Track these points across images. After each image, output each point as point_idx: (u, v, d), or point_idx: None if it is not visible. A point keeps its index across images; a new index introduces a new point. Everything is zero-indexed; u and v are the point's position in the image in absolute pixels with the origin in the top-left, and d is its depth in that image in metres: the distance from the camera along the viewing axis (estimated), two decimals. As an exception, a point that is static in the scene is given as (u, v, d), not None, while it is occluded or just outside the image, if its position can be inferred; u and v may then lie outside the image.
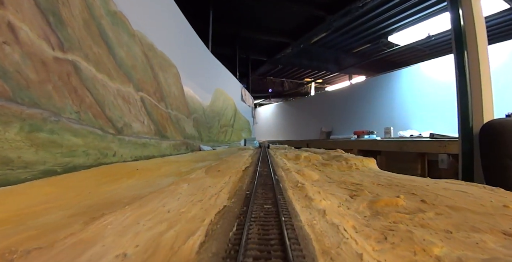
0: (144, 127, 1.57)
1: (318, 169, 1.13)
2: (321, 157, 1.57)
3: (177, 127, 2.09)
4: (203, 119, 2.85)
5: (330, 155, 1.67)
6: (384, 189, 0.75)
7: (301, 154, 1.60)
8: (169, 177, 1.12)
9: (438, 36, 6.11)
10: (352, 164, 1.30)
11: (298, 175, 0.82)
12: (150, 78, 1.68)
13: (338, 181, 0.87)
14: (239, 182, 0.65)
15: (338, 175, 0.99)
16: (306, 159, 1.51)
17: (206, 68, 3.09)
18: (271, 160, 1.15)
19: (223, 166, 0.95)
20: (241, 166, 0.94)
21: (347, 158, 1.42)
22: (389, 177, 0.97)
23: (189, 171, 1.30)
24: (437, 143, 3.66)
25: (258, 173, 0.75)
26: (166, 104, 1.92)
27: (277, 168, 0.90)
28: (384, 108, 6.56)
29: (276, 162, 1.14)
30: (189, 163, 1.69)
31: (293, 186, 0.61)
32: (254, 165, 0.99)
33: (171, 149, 1.95)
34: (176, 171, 1.30)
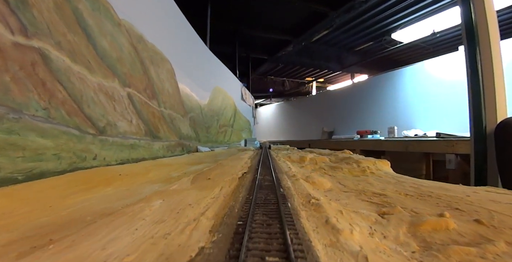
0: (132, 127, 1.42)
1: (327, 174, 0.97)
2: (328, 159, 1.41)
3: (171, 127, 1.94)
4: (201, 118, 2.69)
5: (337, 156, 1.51)
6: (418, 202, 0.59)
7: (306, 155, 1.44)
8: (154, 184, 0.96)
9: (443, 33, 5.95)
10: (365, 167, 1.14)
11: (307, 183, 0.67)
12: (139, 73, 1.53)
13: (355, 190, 0.71)
14: (231, 198, 0.50)
15: (352, 182, 0.83)
16: (312, 161, 1.35)
17: (204, 65, 2.94)
18: (273, 164, 0.99)
19: (216, 172, 0.79)
20: (237, 171, 0.78)
21: (358, 160, 1.26)
22: (414, 184, 0.81)
23: (180, 175, 1.15)
24: (444, 143, 3.54)
25: (257, 182, 0.60)
26: (159, 102, 1.76)
27: (280, 175, 0.75)
28: (387, 107, 6.42)
29: (279, 166, 0.99)
30: (182, 166, 1.53)
31: (305, 203, 0.46)
32: (253, 170, 0.84)
33: (164, 151, 1.80)
34: (165, 176, 1.14)
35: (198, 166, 1.57)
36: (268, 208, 0.41)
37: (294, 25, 5.15)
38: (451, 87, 4.89)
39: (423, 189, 0.74)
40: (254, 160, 1.24)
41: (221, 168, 0.89)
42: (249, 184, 0.59)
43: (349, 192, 0.68)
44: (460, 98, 4.64)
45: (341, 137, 6.72)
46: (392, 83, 6.31)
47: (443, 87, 5.06)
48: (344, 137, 6.45)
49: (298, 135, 9.01)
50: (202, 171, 0.88)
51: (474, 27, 2.54)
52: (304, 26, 5.13)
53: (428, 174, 3.87)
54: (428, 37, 6.16)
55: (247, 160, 1.26)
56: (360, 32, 6.25)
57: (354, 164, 1.23)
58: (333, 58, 7.51)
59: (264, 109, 11.86)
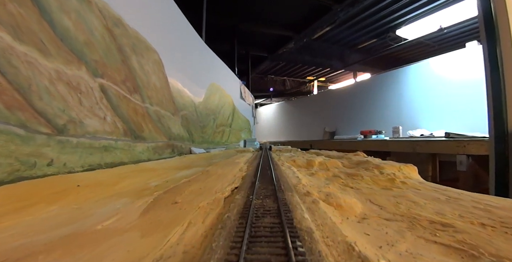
0: (105, 126, 1.18)
1: (348, 185, 0.73)
2: (341, 163, 1.17)
3: (158, 126, 1.70)
4: (195, 117, 2.45)
5: (351, 159, 1.27)
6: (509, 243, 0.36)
7: (314, 159, 1.20)
8: (120, 198, 0.73)
9: (451, 29, 5.73)
10: (390, 175, 0.90)
11: (330, 207, 0.44)
12: (116, 62, 1.29)
13: (401, 216, 0.47)
14: (197, 257, 0.26)
15: (387, 199, 0.60)
16: (322, 166, 1.12)
17: (198, 59, 2.71)
18: (275, 172, 0.75)
19: (194, 187, 0.56)
20: (225, 186, 0.55)
21: (378, 165, 1.02)
22: (476, 203, 0.57)
23: (160, 185, 0.91)
24: (454, 143, 3.35)
25: (251, 213, 0.37)
26: (143, 97, 1.53)
27: (289, 194, 0.51)
28: (392, 107, 6.23)
29: (284, 175, 0.75)
30: (168, 171, 1.30)
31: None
32: (248, 184, 0.60)
33: (149, 153, 1.56)
34: (140, 186, 0.91)
35: (187, 171, 1.34)
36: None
37: (296, 20, 4.91)
38: (458, 86, 4.71)
39: (496, 211, 0.50)
40: (252, 165, 1.00)
41: (205, 179, 0.66)
42: (236, 217, 0.36)
43: (394, 220, 0.44)
44: (468, 97, 4.44)
45: (343, 137, 6.55)
46: (397, 82, 6.13)
47: (450, 86, 4.88)
48: (346, 137, 6.29)
49: (299, 135, 8.83)
50: (176, 185, 0.64)
51: (493, 18, 2.34)
52: (306, 21, 4.89)
53: (435, 175, 3.70)
54: (434, 34, 5.93)
55: (243, 165, 1.02)
56: (363, 29, 6.03)
57: (375, 170, 0.99)
58: (335, 56, 7.28)
59: (264, 109, 11.66)
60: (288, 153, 1.86)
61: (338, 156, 1.44)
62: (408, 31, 6.06)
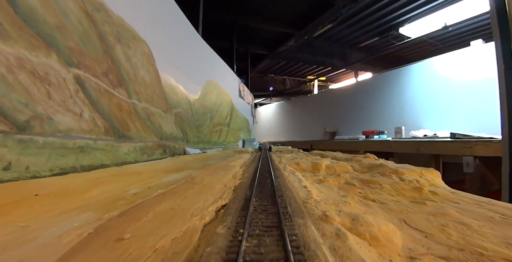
0: (82, 123, 1.03)
1: (367, 198, 0.59)
2: (351, 167, 1.03)
3: (148, 124, 1.55)
4: (190, 115, 2.30)
5: (362, 162, 1.12)
6: None
7: (320, 161, 1.05)
8: (83, 213, 0.58)
9: (456, 26, 5.58)
10: (413, 182, 0.75)
11: (363, 241, 0.29)
12: (96, 51, 1.14)
13: (460, 250, 0.32)
14: None
15: (427, 219, 0.45)
16: (330, 171, 0.97)
17: (194, 54, 2.55)
18: (277, 181, 0.61)
19: (163, 206, 0.41)
20: (209, 204, 0.41)
21: (396, 170, 0.88)
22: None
23: (141, 192, 0.76)
24: (461, 144, 3.22)
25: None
26: (129, 92, 1.38)
27: (298, 218, 0.35)
28: (394, 106, 6.11)
29: (288, 183, 0.60)
30: (156, 175, 1.15)
31: None
32: (241, 200, 0.45)
33: (137, 154, 1.41)
34: (116, 194, 0.76)
35: (177, 174, 1.19)
36: None
37: (297, 16, 4.75)
38: (463, 85, 4.58)
39: None
40: (249, 170, 0.85)
41: (185, 191, 0.51)
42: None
43: (456, 260, 0.30)
44: (473, 97, 4.31)
45: (344, 137, 6.43)
46: (399, 81, 6.01)
47: (454, 85, 4.76)
48: (347, 137, 6.17)
49: (299, 135, 8.71)
50: (143, 202, 0.49)
51: (507, 14, 2.21)
52: (307, 18, 4.74)
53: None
54: (438, 32, 5.78)
55: (239, 169, 0.88)
56: (365, 27, 5.88)
57: (393, 176, 0.84)
58: (336, 55, 7.13)
59: (264, 109, 11.53)
60: (289, 154, 1.71)
61: (346, 158, 1.29)
62: (412, 29, 5.92)
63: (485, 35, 5.89)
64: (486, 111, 4.13)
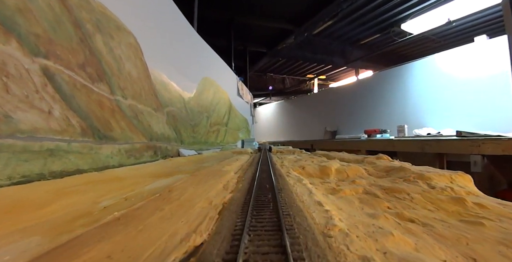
0: (51, 122, 0.89)
1: (402, 216, 0.45)
2: (364, 170, 0.88)
3: (135, 123, 1.41)
4: (184, 114, 2.16)
5: (376, 165, 0.98)
6: None
7: (327, 164, 0.91)
8: (28, 237, 0.44)
9: (459, 21, 5.43)
10: (447, 190, 0.61)
11: None
12: (70, 40, 1.00)
13: None
14: None
15: (498, 251, 0.30)
16: (342, 176, 0.83)
17: (189, 50, 2.41)
18: (280, 194, 0.46)
19: (98, 250, 0.27)
20: (173, 246, 0.26)
21: (421, 174, 0.74)
22: None
23: (114, 204, 0.62)
24: (468, 143, 3.09)
25: None
26: (112, 88, 1.23)
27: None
28: (396, 105, 5.99)
29: (296, 198, 0.46)
30: (140, 181, 1.00)
31: None
32: (226, 234, 0.30)
33: (122, 157, 1.27)
34: (82, 208, 0.62)
35: (166, 180, 1.05)
36: None
37: (296, 12, 4.60)
38: (467, 82, 4.45)
39: None
40: (245, 177, 0.71)
41: (147, 218, 0.36)
42: None
43: None
44: (477, 94, 4.17)
45: (345, 136, 6.31)
46: (401, 79, 5.88)
47: (457, 83, 4.63)
48: (348, 137, 6.05)
49: (300, 135, 8.58)
50: (92, 227, 0.35)
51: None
52: (307, 14, 4.59)
53: (443, 176, 3.43)
54: (441, 28, 5.64)
55: (233, 175, 0.73)
56: (366, 23, 5.74)
57: (420, 182, 0.70)
58: (337, 53, 7.00)
59: (264, 109, 11.40)
60: (291, 156, 1.57)
61: (356, 159, 1.15)
62: (414, 25, 5.77)
63: (490, 31, 5.75)
64: (491, 109, 4.01)
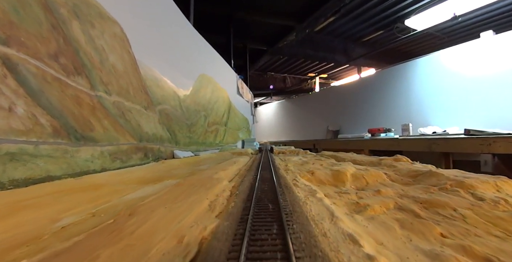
0: (12, 121, 0.74)
1: (472, 253, 0.30)
2: (385, 175, 0.73)
3: (121, 123, 1.27)
4: (179, 113, 2.01)
5: (397, 169, 0.83)
6: None
7: (342, 169, 0.76)
8: None
9: (465, 17, 5.27)
10: (500, 203, 0.46)
11: None
12: (39, 25, 0.86)
13: None
14: None
15: None
16: (360, 183, 0.68)
17: (184, 44, 2.26)
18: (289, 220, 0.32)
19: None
20: None
21: (461, 181, 0.59)
22: None
23: (77, 223, 0.48)
24: (478, 141, 2.94)
25: None
26: (93, 83, 1.09)
27: None
28: (400, 103, 5.85)
29: (313, 223, 0.32)
30: (122, 189, 0.86)
31: None
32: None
33: (105, 160, 1.12)
34: (31, 230, 0.47)
35: (152, 187, 0.90)
36: None
37: (298, 7, 4.45)
38: (473, 80, 4.31)
39: None
40: (241, 189, 0.56)
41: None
42: None
43: None
44: (484, 91, 4.01)
45: (348, 136, 6.17)
46: (405, 76, 5.73)
47: (463, 80, 4.49)
48: (351, 136, 5.91)
49: (301, 135, 8.45)
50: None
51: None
52: (309, 9, 4.44)
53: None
54: (446, 24, 5.48)
55: (227, 184, 0.58)
56: (369, 19, 5.59)
57: (461, 192, 0.55)
58: (339, 50, 6.84)
59: (264, 108, 11.27)
60: (295, 157, 1.42)
61: (370, 161, 1.00)
62: (418, 21, 5.61)
63: (496, 26, 5.58)
64: (498, 106, 3.86)
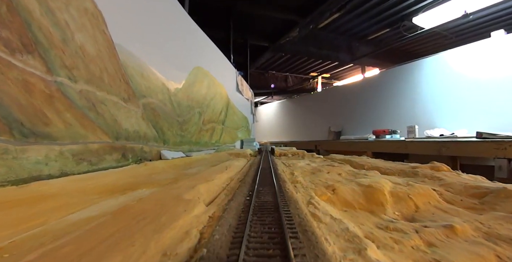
0: None
1: None
2: (436, 193, 0.50)
3: (92, 117, 1.04)
4: (169, 108, 1.79)
5: (448, 183, 0.60)
6: None
7: (376, 184, 0.53)
8: None
9: (474, 15, 5.04)
10: None
11: None
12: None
13: None
14: None
15: None
16: (407, 207, 0.44)
17: (177, 33, 2.03)
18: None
19: None
20: None
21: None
22: None
23: None
24: (492, 145, 2.74)
25: None
26: (50, 65, 0.87)
27: None
28: (405, 104, 5.65)
29: None
30: (75, 202, 0.63)
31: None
32: None
33: (66, 162, 0.90)
34: None
35: (115, 200, 0.68)
36: None
37: (302, 0, 4.22)
38: (482, 81, 4.11)
39: None
40: (221, 227, 0.33)
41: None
42: None
43: None
44: (494, 93, 3.81)
45: (350, 137, 5.98)
46: (410, 77, 5.53)
47: (472, 81, 4.30)
48: (354, 137, 5.72)
49: (303, 135, 8.25)
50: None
51: None
52: (314, 2, 4.21)
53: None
54: (456, 21, 5.25)
55: (201, 212, 0.36)
56: (375, 16, 5.37)
57: None
58: (342, 48, 6.62)
59: (265, 108, 11.07)
60: (301, 162, 1.19)
61: (400, 170, 0.78)
62: (426, 19, 5.39)
63: (508, 25, 5.36)
64: (509, 109, 3.67)
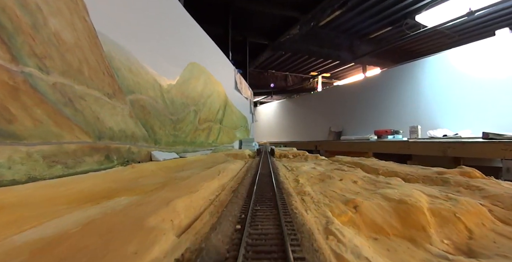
0: None
1: None
2: (488, 212, 0.37)
3: (68, 114, 0.92)
4: (161, 106, 1.66)
5: (492, 194, 0.47)
6: None
7: (411, 200, 0.41)
8: None
9: (480, 12, 4.93)
10: None
11: None
12: None
13: None
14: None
15: None
16: (458, 232, 0.33)
17: (170, 24, 1.90)
18: None
19: None
20: None
21: None
22: None
23: None
24: (500, 145, 2.67)
25: None
26: (16, 54, 0.74)
27: None
28: (407, 104, 5.59)
29: None
30: (42, 212, 0.50)
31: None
32: None
33: (35, 165, 0.78)
34: None
35: (85, 212, 0.56)
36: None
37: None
38: (487, 80, 4.02)
39: None
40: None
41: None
42: None
43: None
44: (499, 92, 3.72)
45: (351, 137, 5.89)
46: (412, 76, 5.46)
47: (476, 80, 4.22)
48: (355, 138, 5.63)
49: (303, 135, 8.16)
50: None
51: None
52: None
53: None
54: (459, 20, 5.14)
55: (167, 252, 0.24)
56: (378, 14, 5.27)
57: None
58: (344, 47, 6.51)
59: (264, 108, 10.97)
60: (306, 165, 1.07)
61: (425, 176, 0.66)
62: (430, 17, 5.28)
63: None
64: None
